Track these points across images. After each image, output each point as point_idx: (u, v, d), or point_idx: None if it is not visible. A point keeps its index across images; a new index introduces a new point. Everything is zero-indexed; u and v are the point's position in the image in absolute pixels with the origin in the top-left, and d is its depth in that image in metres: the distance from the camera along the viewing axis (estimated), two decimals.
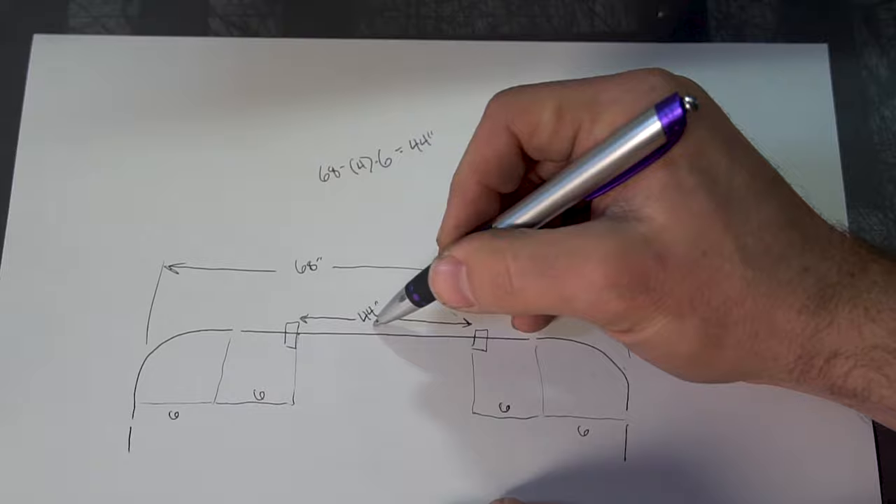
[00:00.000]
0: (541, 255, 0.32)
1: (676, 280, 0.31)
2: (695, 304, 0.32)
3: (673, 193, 0.31)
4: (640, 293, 0.31)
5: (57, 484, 0.40)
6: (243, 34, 0.47)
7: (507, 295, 0.33)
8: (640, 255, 0.31)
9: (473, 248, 0.34)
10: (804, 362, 0.33)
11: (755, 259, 0.32)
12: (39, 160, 0.45)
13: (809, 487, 0.40)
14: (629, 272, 0.31)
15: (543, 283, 0.32)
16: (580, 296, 0.32)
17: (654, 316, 0.32)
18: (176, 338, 0.42)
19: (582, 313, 0.33)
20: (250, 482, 0.40)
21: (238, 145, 0.45)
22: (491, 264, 0.33)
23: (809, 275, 0.32)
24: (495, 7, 0.48)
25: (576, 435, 0.40)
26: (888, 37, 0.47)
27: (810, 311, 0.32)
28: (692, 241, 0.31)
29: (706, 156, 0.32)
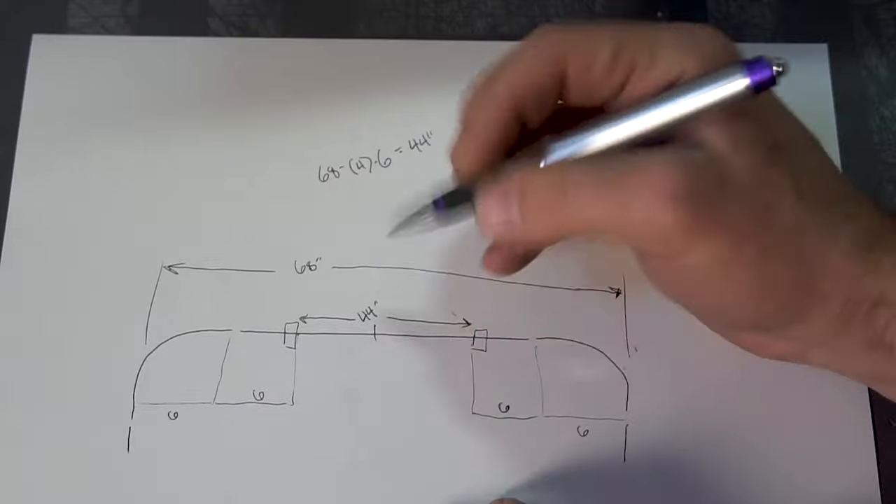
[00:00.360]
0: (602, 170, 0.31)
1: (737, 203, 0.31)
2: (754, 231, 0.32)
3: (737, 125, 0.32)
4: (702, 208, 0.31)
5: (56, 484, 0.40)
6: (243, 34, 0.47)
7: (560, 204, 0.32)
8: (705, 172, 0.31)
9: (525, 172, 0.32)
10: (850, 307, 0.33)
11: (808, 199, 0.32)
12: (39, 160, 0.45)
13: (809, 487, 0.40)
14: (693, 185, 0.31)
15: (601, 191, 0.31)
16: (639, 204, 0.31)
17: (711, 237, 0.31)
18: (175, 338, 0.42)
19: (637, 226, 0.31)
20: (250, 482, 0.40)
21: (237, 145, 0.45)
22: (545, 177, 0.32)
23: (853, 221, 0.33)
24: (495, 7, 0.48)
25: (575, 435, 0.40)
26: (888, 37, 0.47)
27: (855, 257, 0.33)
28: (753, 171, 0.32)
29: (763, 101, 0.32)
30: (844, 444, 0.40)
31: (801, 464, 0.40)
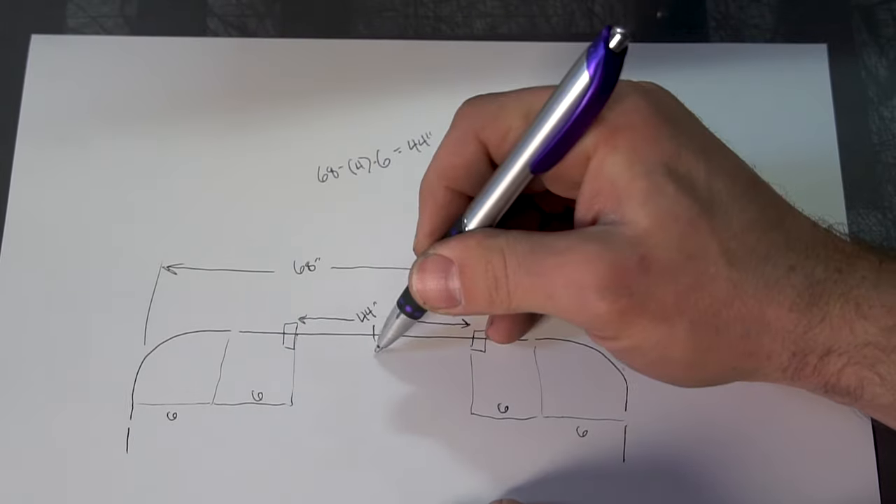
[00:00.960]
0: (532, 253, 0.33)
1: (661, 283, 0.31)
2: (682, 308, 0.32)
3: (656, 199, 0.31)
4: (624, 296, 0.31)
5: (55, 484, 0.39)
6: (241, 34, 0.47)
7: (500, 293, 0.33)
8: (624, 258, 0.31)
9: (467, 246, 0.34)
10: (798, 360, 0.33)
11: (740, 261, 0.32)
12: (37, 160, 0.45)
13: (809, 488, 0.39)
14: (612, 275, 0.31)
15: (531, 281, 0.33)
16: (564, 295, 0.32)
17: (639, 321, 0.32)
18: (174, 338, 0.42)
19: (567, 314, 0.33)
20: (248, 483, 0.40)
21: (236, 146, 0.45)
22: (487, 261, 0.33)
23: (796, 273, 0.32)
24: (494, 7, 0.48)
25: (574, 436, 0.40)
26: (887, 37, 0.47)
27: (801, 309, 0.32)
28: (676, 245, 0.31)
29: (685, 162, 0.32)
30: (844, 446, 0.40)
31: (800, 465, 0.40)
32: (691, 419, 0.40)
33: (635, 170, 0.31)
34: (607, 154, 0.32)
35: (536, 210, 0.39)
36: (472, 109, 0.35)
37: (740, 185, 0.33)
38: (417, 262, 0.35)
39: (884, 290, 0.32)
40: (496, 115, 0.34)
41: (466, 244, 0.34)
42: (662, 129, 0.32)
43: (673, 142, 0.32)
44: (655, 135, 0.32)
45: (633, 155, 0.32)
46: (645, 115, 0.32)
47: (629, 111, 0.32)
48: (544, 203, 0.38)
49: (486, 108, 0.35)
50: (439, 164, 0.36)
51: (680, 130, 0.33)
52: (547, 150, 0.32)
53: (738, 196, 0.32)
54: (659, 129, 0.32)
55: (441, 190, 0.36)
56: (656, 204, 0.31)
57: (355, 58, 0.46)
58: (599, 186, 0.32)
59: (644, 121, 0.32)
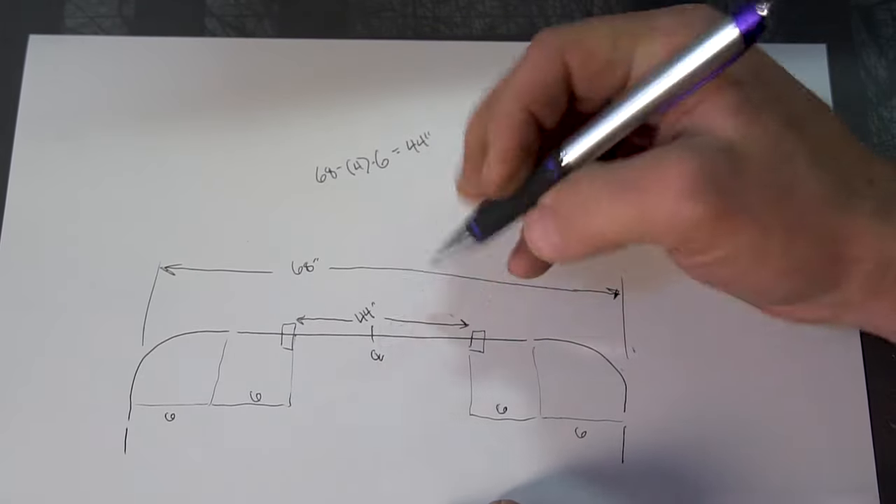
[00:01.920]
0: (617, 174, 0.32)
1: (754, 185, 0.31)
2: (775, 210, 0.31)
3: (745, 108, 0.32)
4: (723, 198, 0.31)
5: (53, 485, 0.39)
6: (239, 34, 0.47)
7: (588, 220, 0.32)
8: (720, 162, 0.31)
9: (556, 189, 0.33)
10: (881, 269, 0.33)
11: (827, 169, 0.32)
12: (35, 161, 0.45)
13: (808, 488, 0.39)
14: (704, 175, 0.30)
15: (621, 200, 0.31)
16: (660, 205, 0.31)
17: (734, 225, 0.31)
18: (172, 339, 0.42)
19: (662, 227, 0.31)
20: (247, 484, 0.40)
21: (234, 146, 0.45)
22: (569, 195, 0.32)
23: (875, 186, 0.33)
24: (493, 7, 0.48)
25: (573, 437, 0.40)
26: (886, 37, 0.47)
27: (883, 217, 0.33)
28: (769, 151, 0.32)
29: (767, 74, 0.33)
30: (843, 447, 0.40)
31: (799, 465, 0.40)
32: (690, 421, 0.40)
33: (725, 85, 0.32)
34: None
35: None
36: (554, 32, 0.34)
37: (818, 104, 0.34)
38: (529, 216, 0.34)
39: None
40: (582, 35, 0.33)
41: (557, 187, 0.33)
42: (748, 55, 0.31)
43: (758, 60, 0.33)
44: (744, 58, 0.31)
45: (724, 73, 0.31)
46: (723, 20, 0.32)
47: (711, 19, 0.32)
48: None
49: (570, 29, 0.34)
50: (519, 83, 0.34)
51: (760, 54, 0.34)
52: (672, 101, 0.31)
53: (817, 109, 0.33)
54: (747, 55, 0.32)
55: (519, 110, 0.34)
56: (748, 114, 0.31)
57: (354, 58, 0.46)
58: (685, 102, 0.32)
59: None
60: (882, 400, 0.41)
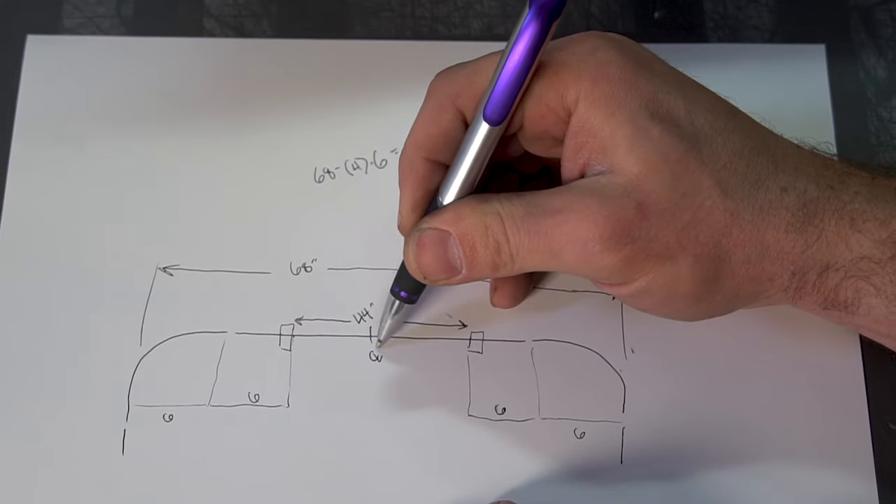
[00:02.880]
0: (529, 215, 0.33)
1: (661, 225, 0.32)
2: (683, 244, 0.32)
3: (643, 143, 0.32)
4: (627, 244, 0.32)
5: (50, 486, 0.39)
6: (238, 35, 0.47)
7: (503, 256, 0.34)
8: (622, 207, 0.32)
9: (462, 215, 0.34)
10: (798, 279, 0.34)
11: (733, 189, 0.33)
12: (33, 161, 0.45)
13: (807, 489, 0.39)
14: (612, 224, 0.32)
15: (533, 241, 0.33)
16: (569, 251, 0.32)
17: (645, 265, 0.33)
18: (170, 340, 0.42)
19: (572, 268, 0.33)
20: (245, 485, 0.39)
21: (232, 146, 0.45)
22: (485, 226, 0.33)
23: (788, 194, 0.33)
24: (491, 8, 0.48)
25: (572, 437, 0.40)
26: (885, 37, 0.47)
27: (797, 228, 0.33)
28: (670, 185, 0.32)
29: (664, 102, 0.33)
30: (842, 447, 0.40)
31: (798, 466, 0.40)
32: (689, 421, 0.40)
33: (618, 117, 0.32)
34: (588, 106, 0.32)
35: (515, 172, 0.40)
36: (445, 78, 0.36)
37: (720, 116, 0.34)
38: (412, 238, 0.35)
39: (877, 204, 0.33)
40: (471, 79, 0.34)
41: (460, 213, 0.34)
42: (638, 74, 0.33)
43: (649, 85, 0.33)
44: (632, 81, 0.33)
45: (613, 103, 0.32)
46: (619, 63, 0.33)
47: (604, 63, 0.33)
48: (521, 165, 0.39)
49: (459, 74, 0.35)
50: (417, 136, 0.36)
51: (653, 73, 0.33)
52: (497, 95, 0.32)
53: (720, 127, 0.33)
54: (635, 74, 0.33)
55: (420, 162, 0.36)
56: (644, 148, 0.32)
57: (352, 58, 0.46)
58: (584, 140, 0.33)
59: (619, 69, 0.33)
60: (881, 400, 0.41)
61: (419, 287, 0.38)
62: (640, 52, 0.34)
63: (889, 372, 0.41)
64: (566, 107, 0.33)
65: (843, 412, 0.40)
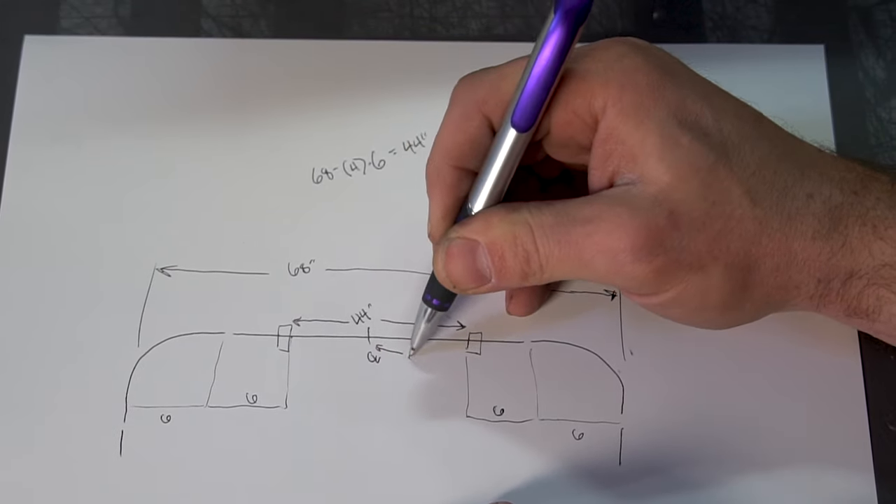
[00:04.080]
0: (559, 224, 0.33)
1: (692, 235, 0.32)
2: (715, 254, 0.32)
3: (672, 152, 0.32)
4: (658, 254, 0.32)
5: (48, 488, 0.39)
6: (235, 35, 0.47)
7: (532, 266, 0.33)
8: (653, 217, 0.32)
9: (491, 224, 0.34)
10: (823, 286, 0.34)
11: (762, 197, 0.33)
12: (30, 161, 0.45)
13: (806, 490, 0.39)
14: (644, 235, 0.32)
15: (563, 251, 0.33)
16: (599, 261, 0.32)
17: (676, 275, 0.33)
18: (168, 341, 0.42)
19: (602, 278, 0.33)
20: (243, 486, 0.39)
21: (230, 147, 0.45)
22: (514, 235, 0.33)
23: (814, 200, 0.33)
24: (489, 8, 0.48)
25: (570, 439, 0.40)
26: (885, 38, 0.47)
27: (823, 236, 0.33)
28: (701, 195, 0.32)
29: (691, 111, 0.33)
30: (841, 448, 0.40)
31: (797, 468, 0.40)
32: (687, 422, 0.40)
33: (647, 126, 0.32)
34: (616, 114, 0.32)
35: (535, 176, 0.39)
36: (470, 83, 0.35)
37: (747, 122, 0.34)
38: (442, 247, 0.35)
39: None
40: (497, 84, 0.34)
41: (489, 222, 0.34)
42: (664, 81, 0.33)
43: (676, 92, 0.33)
44: (660, 88, 0.32)
45: (642, 111, 0.32)
46: (646, 70, 0.33)
47: (630, 70, 0.33)
48: (541, 169, 0.39)
49: (485, 79, 0.35)
50: (443, 144, 0.35)
51: (680, 80, 0.33)
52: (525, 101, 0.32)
53: (747, 135, 0.33)
54: (661, 81, 0.33)
55: (448, 169, 0.35)
56: (674, 157, 0.32)
57: (350, 58, 0.46)
58: (612, 148, 0.33)
59: (646, 76, 0.33)
60: (880, 401, 0.41)
61: (450, 295, 0.38)
62: (665, 59, 0.34)
63: (888, 373, 0.41)
64: (593, 114, 0.33)
65: (842, 413, 0.40)
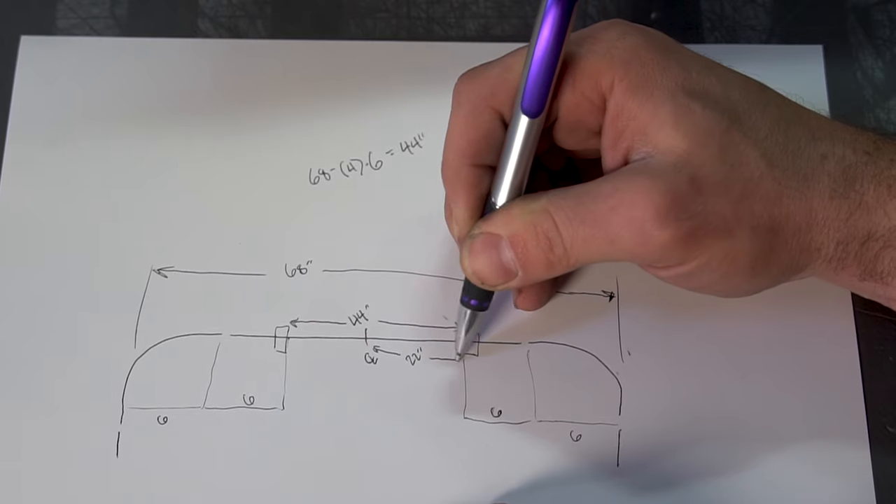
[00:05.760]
0: (580, 204, 0.33)
1: (715, 198, 0.32)
2: (740, 216, 0.32)
3: (686, 120, 0.32)
4: (685, 220, 0.32)
5: (44, 489, 0.39)
6: (232, 35, 0.47)
7: (556, 252, 0.33)
8: (675, 182, 0.32)
9: (511, 216, 0.34)
10: (842, 249, 0.34)
11: (777, 159, 0.33)
12: (27, 162, 0.44)
13: (805, 492, 0.39)
14: (669, 201, 0.31)
15: (587, 231, 0.33)
16: (626, 235, 0.32)
17: (703, 241, 0.32)
18: (165, 342, 0.42)
19: (629, 253, 0.33)
20: (240, 487, 0.39)
21: (227, 148, 0.45)
22: (535, 224, 0.33)
23: (828, 160, 0.33)
24: (487, 8, 0.48)
25: (568, 440, 0.40)
26: (883, 38, 0.47)
27: (840, 195, 0.33)
28: (719, 158, 0.32)
29: (697, 81, 0.33)
30: (840, 450, 0.40)
31: (796, 470, 0.40)
32: (686, 424, 0.40)
33: (657, 97, 0.32)
34: (624, 90, 0.32)
35: (543, 170, 0.39)
36: (475, 79, 0.35)
37: (753, 91, 0.34)
38: (466, 244, 0.35)
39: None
40: (502, 77, 0.34)
41: (510, 213, 0.34)
42: (668, 56, 0.33)
43: (681, 65, 0.33)
44: (664, 62, 0.33)
45: (650, 83, 0.32)
46: (648, 47, 0.33)
47: (633, 47, 0.33)
48: (548, 161, 0.39)
49: (489, 73, 0.35)
50: (457, 144, 0.35)
51: (682, 55, 0.34)
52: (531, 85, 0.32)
53: (755, 101, 0.34)
54: (666, 56, 0.33)
55: (466, 170, 0.35)
56: (688, 124, 0.32)
57: (347, 59, 0.46)
58: (624, 124, 0.33)
59: (649, 53, 0.33)
60: (879, 403, 0.41)
61: (486, 294, 0.38)
62: (664, 38, 0.34)
63: (887, 375, 0.41)
64: (601, 93, 0.33)
65: (840, 415, 0.40)
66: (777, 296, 0.38)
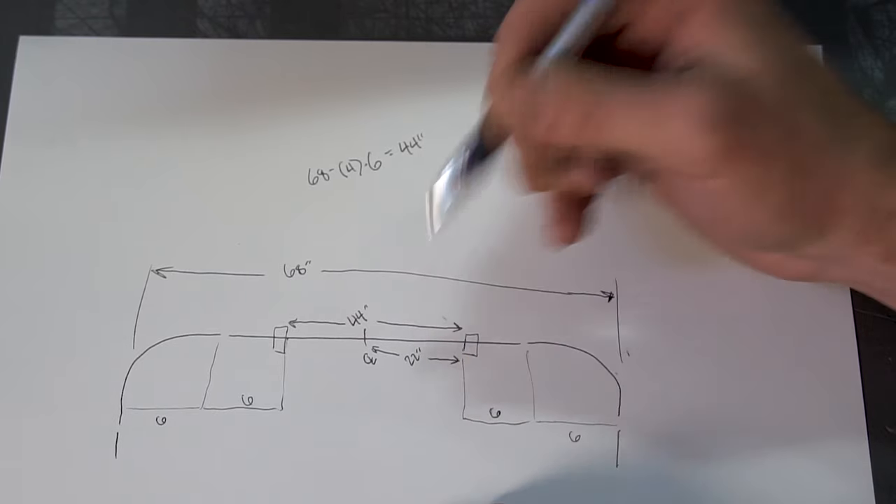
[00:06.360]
0: (640, 76, 0.32)
1: (766, 122, 0.32)
2: (784, 148, 0.32)
3: (756, 48, 0.32)
4: (736, 127, 0.31)
5: (43, 489, 0.39)
6: (231, 35, 0.47)
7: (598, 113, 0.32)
8: (737, 96, 0.31)
9: (561, 68, 0.33)
10: (868, 217, 0.34)
11: (829, 113, 0.33)
12: (25, 163, 0.44)
13: (804, 492, 0.39)
14: (727, 109, 0.31)
15: (639, 99, 0.32)
16: (676, 121, 0.31)
17: (742, 158, 0.32)
18: (163, 342, 0.42)
19: (668, 145, 0.32)
20: (238, 488, 0.39)
21: (226, 148, 0.45)
22: (588, 80, 0.32)
23: (869, 135, 0.33)
24: (486, 8, 0.47)
25: (567, 441, 0.40)
26: (883, 38, 0.47)
27: (876, 165, 0.33)
28: (779, 92, 0.32)
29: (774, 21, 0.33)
30: (839, 450, 0.40)
31: (795, 469, 0.40)
32: (684, 424, 0.40)
33: (738, 19, 0.32)
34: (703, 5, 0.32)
35: None
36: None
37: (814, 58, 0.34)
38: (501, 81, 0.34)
39: None
40: None
41: (559, 65, 0.33)
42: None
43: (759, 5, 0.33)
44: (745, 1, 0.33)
45: (731, 7, 0.33)
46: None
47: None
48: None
49: None
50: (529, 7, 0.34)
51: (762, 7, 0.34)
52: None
53: (817, 63, 0.34)
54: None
55: (525, 25, 0.34)
56: (764, 48, 0.32)
57: (346, 59, 0.46)
58: (700, 36, 0.33)
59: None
60: (878, 403, 0.41)
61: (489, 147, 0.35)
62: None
63: (886, 375, 0.41)
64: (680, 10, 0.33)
65: (840, 416, 0.40)
66: (777, 296, 0.38)
